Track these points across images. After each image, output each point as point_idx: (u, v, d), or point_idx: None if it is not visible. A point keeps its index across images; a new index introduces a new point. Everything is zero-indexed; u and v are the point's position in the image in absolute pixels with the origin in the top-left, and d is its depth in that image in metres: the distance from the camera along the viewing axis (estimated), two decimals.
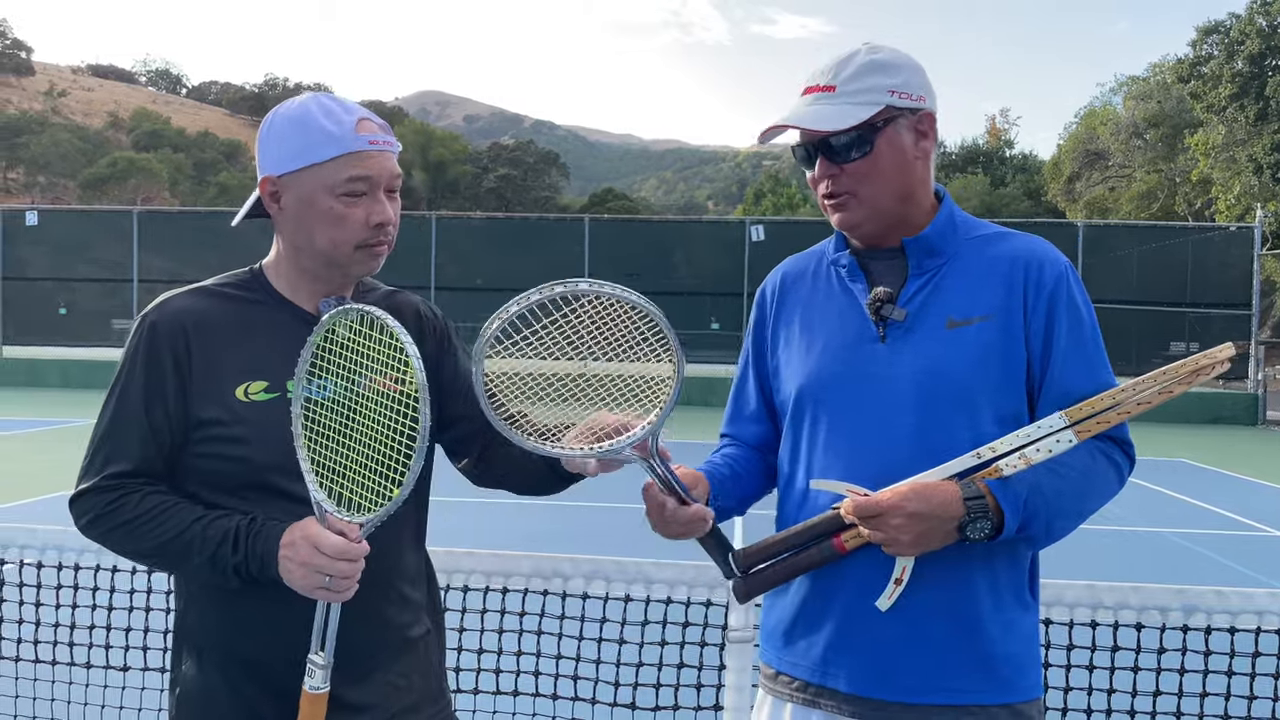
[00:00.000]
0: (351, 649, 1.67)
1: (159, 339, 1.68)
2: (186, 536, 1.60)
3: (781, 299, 1.89)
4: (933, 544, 1.60)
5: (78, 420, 16.11)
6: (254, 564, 1.58)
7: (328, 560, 1.53)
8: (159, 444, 1.67)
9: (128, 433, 1.67)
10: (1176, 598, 2.49)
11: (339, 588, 1.55)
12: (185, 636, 1.76)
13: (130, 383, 1.68)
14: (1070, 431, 1.63)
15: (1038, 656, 1.75)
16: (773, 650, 1.82)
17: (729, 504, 1.82)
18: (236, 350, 1.70)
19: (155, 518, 1.62)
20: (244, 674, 1.70)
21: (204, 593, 1.72)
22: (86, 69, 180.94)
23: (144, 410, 1.67)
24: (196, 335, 1.69)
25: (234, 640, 1.70)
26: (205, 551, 1.59)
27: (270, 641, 1.68)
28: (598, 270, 23.20)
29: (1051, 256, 1.73)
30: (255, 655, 1.69)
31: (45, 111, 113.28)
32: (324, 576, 1.54)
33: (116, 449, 1.67)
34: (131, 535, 1.63)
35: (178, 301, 1.73)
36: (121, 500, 1.63)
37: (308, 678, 1.60)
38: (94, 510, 1.65)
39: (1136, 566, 7.61)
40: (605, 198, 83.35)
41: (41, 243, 24.80)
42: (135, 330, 1.72)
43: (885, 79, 1.70)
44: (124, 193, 75.15)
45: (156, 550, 1.63)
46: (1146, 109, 43.84)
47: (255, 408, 1.68)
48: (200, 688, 1.72)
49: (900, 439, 1.67)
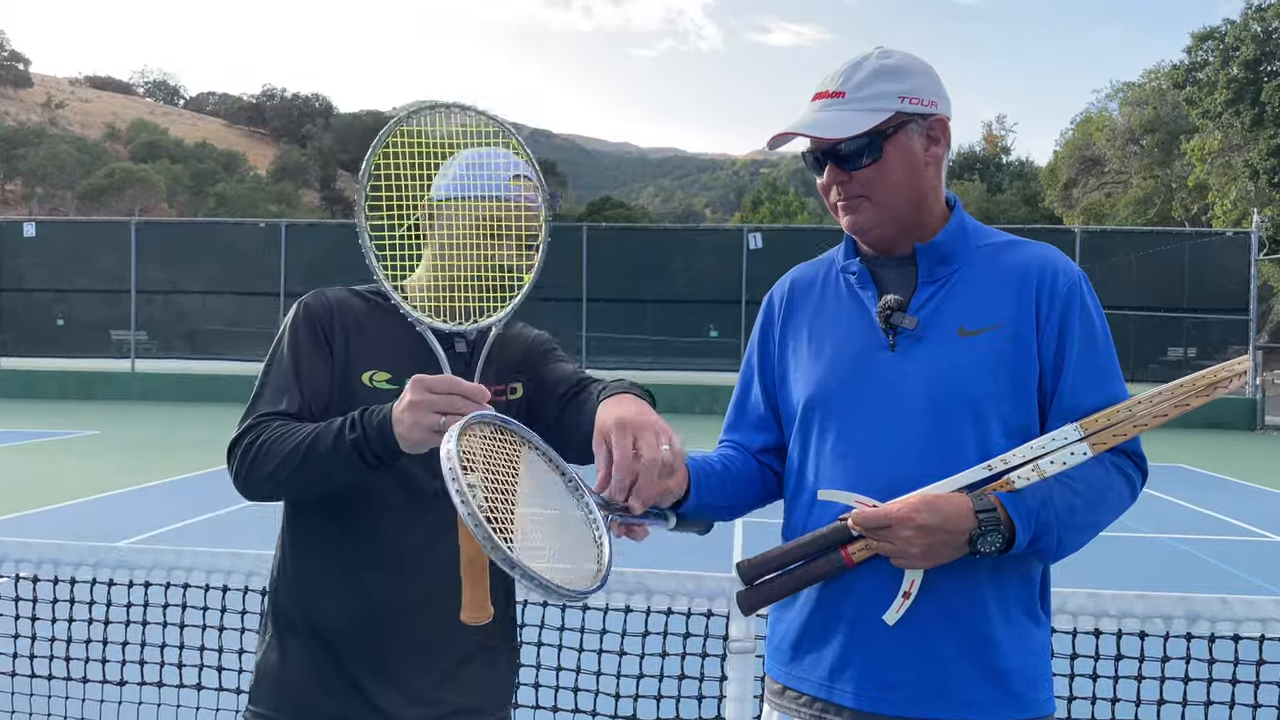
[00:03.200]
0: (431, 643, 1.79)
1: (311, 316, 1.85)
2: (314, 434, 1.68)
3: (790, 306, 1.87)
4: (943, 557, 1.57)
5: (76, 432, 16.09)
6: (372, 435, 1.61)
7: (441, 396, 1.54)
8: (304, 397, 1.80)
9: (278, 385, 1.81)
10: (1180, 605, 2.48)
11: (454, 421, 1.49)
12: (274, 611, 1.89)
13: (282, 351, 1.85)
14: (1085, 444, 1.59)
15: (1048, 672, 1.71)
16: (779, 665, 1.79)
17: (712, 501, 1.74)
18: (368, 342, 1.85)
19: (290, 430, 1.71)
20: (333, 649, 1.79)
21: (294, 570, 1.86)
22: (84, 80, 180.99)
23: (294, 370, 1.82)
24: (339, 321, 1.86)
25: (310, 614, 1.81)
26: (328, 439, 1.65)
27: (342, 618, 1.79)
28: (596, 279, 23.21)
29: (1065, 266, 1.71)
30: (327, 629, 1.80)
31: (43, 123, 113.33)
32: (437, 416, 1.53)
33: (268, 399, 1.81)
34: (271, 451, 1.70)
35: (328, 292, 1.91)
36: (265, 426, 1.74)
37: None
38: (243, 444, 1.74)
39: (1138, 573, 7.59)
40: (603, 206, 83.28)
41: (39, 254, 24.81)
42: (291, 313, 1.89)
43: (895, 85, 1.69)
44: (122, 203, 75.10)
45: (292, 454, 1.68)
46: (1142, 115, 43.99)
47: (378, 395, 1.79)
48: (290, 665, 1.83)
49: (909, 448, 1.65)
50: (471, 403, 1.54)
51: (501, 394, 1.87)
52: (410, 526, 1.80)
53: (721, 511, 1.80)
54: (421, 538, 1.79)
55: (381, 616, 1.79)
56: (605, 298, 23.43)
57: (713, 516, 1.78)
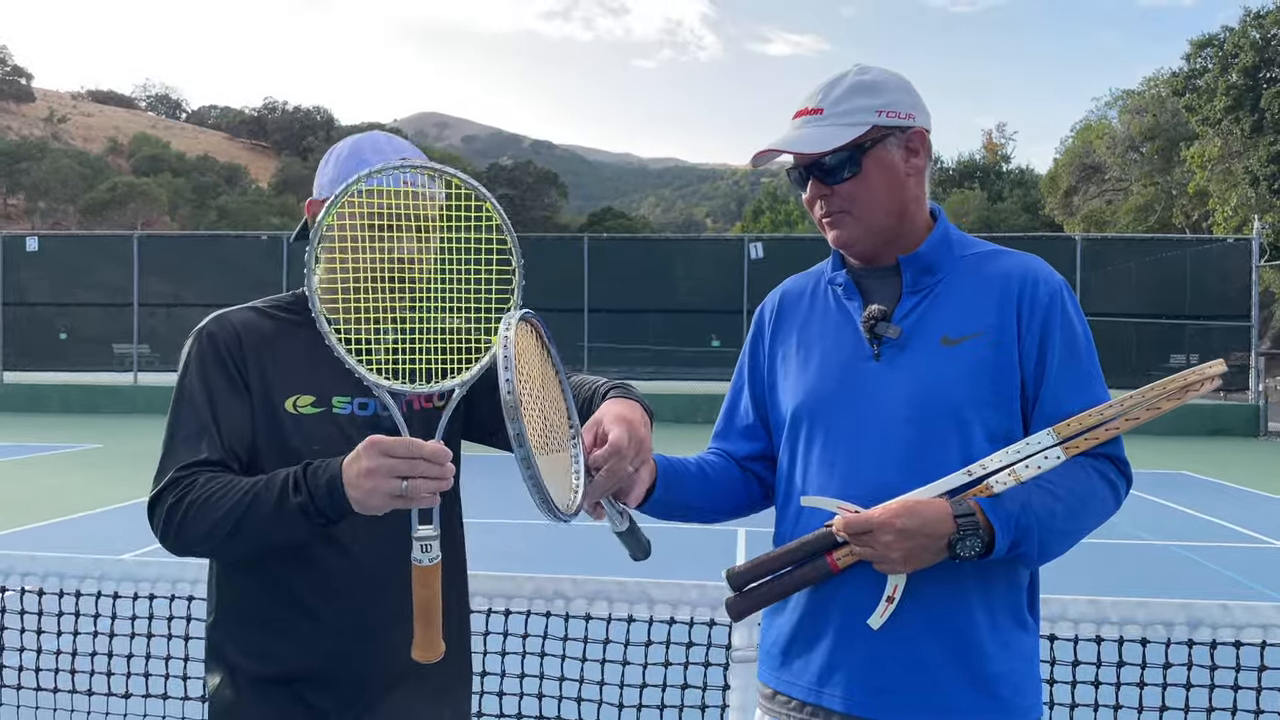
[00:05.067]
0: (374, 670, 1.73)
1: (219, 347, 1.73)
2: (251, 495, 1.57)
3: (780, 317, 1.91)
4: (923, 561, 1.59)
5: (79, 446, 16.10)
6: (319, 497, 1.52)
7: (402, 460, 1.45)
8: (224, 441, 1.69)
9: (192, 431, 1.69)
10: (1181, 612, 2.48)
11: (420, 491, 1.46)
12: (215, 654, 1.78)
13: (191, 390, 1.71)
14: (1059, 449, 1.62)
15: (1038, 677, 1.73)
16: (770, 670, 1.82)
17: (683, 499, 1.78)
18: (284, 365, 1.74)
19: (222, 489, 1.60)
20: (273, 689, 1.72)
21: (231, 608, 1.76)
22: (86, 94, 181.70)
23: (209, 411, 1.69)
24: (250, 348, 1.74)
25: (262, 657, 1.73)
26: (269, 501, 1.55)
27: (301, 656, 1.71)
28: (598, 288, 23.23)
29: (1046, 274, 1.73)
30: (285, 672, 1.72)
31: (46, 137, 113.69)
32: (399, 481, 1.45)
33: (185, 447, 1.68)
34: (202, 513, 1.59)
35: (231, 316, 1.78)
36: (190, 483, 1.63)
37: (421, 553, 1.49)
38: (167, 503, 1.63)
39: (1140, 580, 7.59)
40: (604, 216, 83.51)
41: (42, 268, 24.84)
42: (192, 341, 1.76)
43: (872, 99, 1.72)
44: (124, 217, 75.30)
45: (226, 518, 1.58)
46: (1142, 122, 44.01)
47: (304, 421, 1.72)
48: (233, 705, 1.74)
49: (893, 455, 1.68)
50: (434, 465, 1.47)
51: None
52: (366, 556, 1.73)
53: (693, 512, 1.84)
54: (377, 569, 1.72)
55: (348, 651, 1.73)
56: (607, 308, 23.44)
57: (683, 516, 1.82)
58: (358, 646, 1.74)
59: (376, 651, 1.74)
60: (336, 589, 1.72)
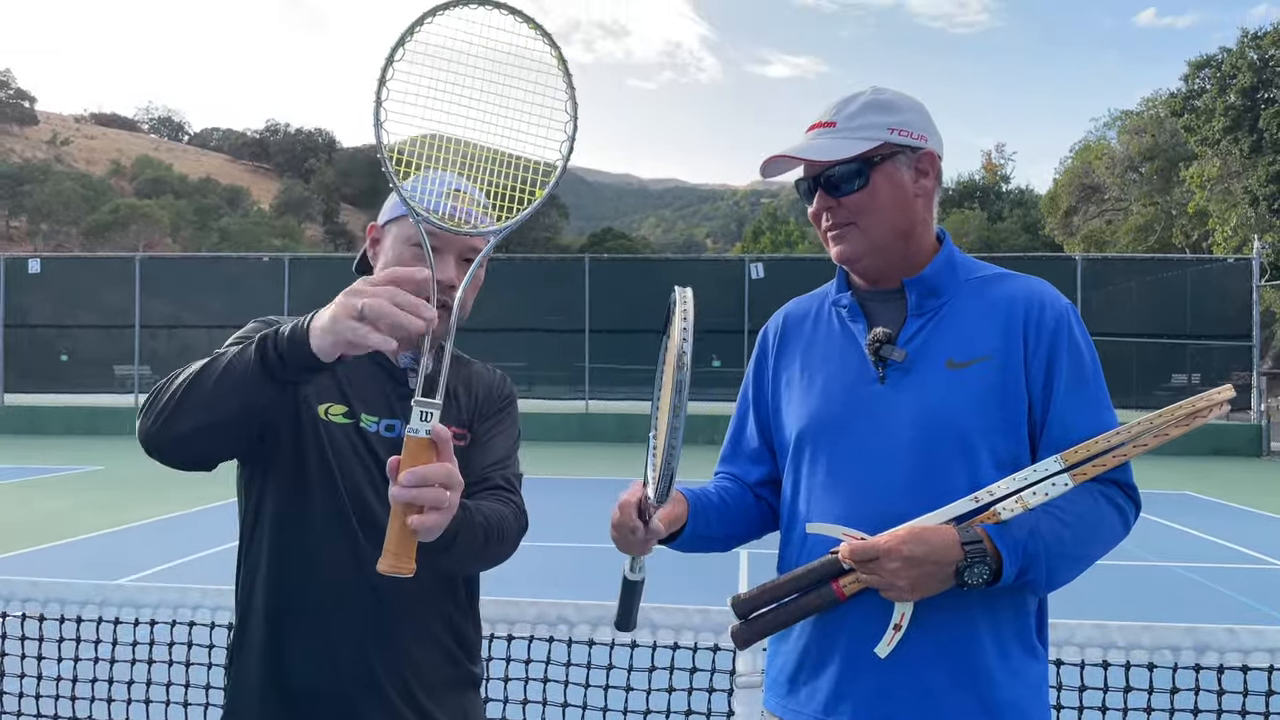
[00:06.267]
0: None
1: None
2: (226, 355, 1.52)
3: (783, 339, 1.90)
4: (930, 589, 1.58)
5: (80, 468, 16.07)
6: (283, 339, 1.43)
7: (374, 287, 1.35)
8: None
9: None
10: (1188, 636, 2.46)
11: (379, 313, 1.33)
12: (233, 665, 1.83)
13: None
14: (1066, 475, 1.61)
15: (1046, 704, 1.71)
16: (776, 698, 1.80)
17: (711, 532, 1.81)
18: (324, 379, 1.76)
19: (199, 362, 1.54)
20: (285, 706, 1.75)
21: (250, 620, 1.79)
22: (89, 117, 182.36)
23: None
24: None
25: (275, 671, 1.75)
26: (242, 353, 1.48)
27: (312, 672, 1.73)
28: (599, 310, 23.25)
29: (1052, 298, 1.73)
30: (297, 686, 1.74)
31: (48, 160, 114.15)
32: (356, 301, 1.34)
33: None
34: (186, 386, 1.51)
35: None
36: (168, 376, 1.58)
37: (419, 421, 1.38)
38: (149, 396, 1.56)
39: (1145, 602, 7.55)
40: (604, 237, 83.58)
41: (44, 290, 24.91)
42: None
43: (886, 117, 1.73)
44: (126, 239, 75.47)
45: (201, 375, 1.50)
46: (1141, 143, 44.18)
47: (331, 426, 1.77)
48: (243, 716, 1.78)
49: (898, 481, 1.66)
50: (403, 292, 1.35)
51: (460, 438, 1.81)
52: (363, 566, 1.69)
53: (717, 542, 1.85)
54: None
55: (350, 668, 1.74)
56: (608, 329, 23.46)
57: (707, 547, 1.84)
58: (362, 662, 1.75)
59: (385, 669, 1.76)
60: (341, 599, 1.75)
